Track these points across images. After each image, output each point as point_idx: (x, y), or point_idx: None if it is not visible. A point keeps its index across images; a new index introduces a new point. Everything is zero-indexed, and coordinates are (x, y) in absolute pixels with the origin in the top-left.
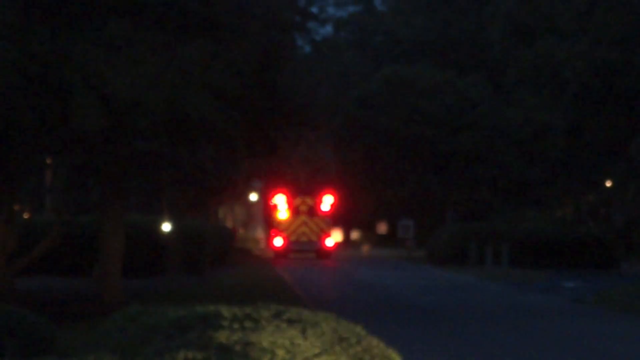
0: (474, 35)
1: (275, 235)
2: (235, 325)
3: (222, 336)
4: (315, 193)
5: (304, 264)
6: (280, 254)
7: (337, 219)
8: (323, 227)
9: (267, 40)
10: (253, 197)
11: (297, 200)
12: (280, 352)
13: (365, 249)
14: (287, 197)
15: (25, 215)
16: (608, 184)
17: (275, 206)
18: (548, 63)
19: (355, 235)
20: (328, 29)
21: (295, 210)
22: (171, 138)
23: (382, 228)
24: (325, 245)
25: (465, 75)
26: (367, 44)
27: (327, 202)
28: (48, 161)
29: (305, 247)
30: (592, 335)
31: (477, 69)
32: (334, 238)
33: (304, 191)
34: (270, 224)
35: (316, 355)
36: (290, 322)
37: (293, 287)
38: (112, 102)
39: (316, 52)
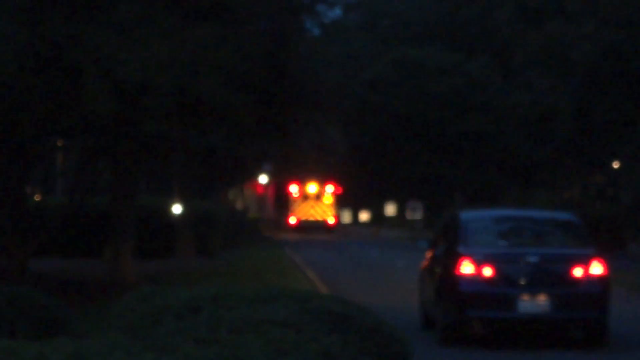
0: (482, 18)
1: (290, 215)
2: (246, 306)
3: (233, 316)
4: (321, 181)
5: (314, 246)
6: (294, 229)
7: (342, 201)
8: (326, 209)
9: (276, 23)
10: (263, 179)
11: (307, 188)
12: (290, 332)
13: (373, 230)
14: (299, 186)
15: (37, 198)
16: (616, 165)
17: (290, 192)
18: (556, 45)
19: (364, 216)
20: (337, 12)
21: (305, 196)
22: (182, 120)
23: (390, 209)
24: (328, 223)
25: (473, 57)
26: (376, 26)
27: (330, 188)
28: (59, 144)
29: (312, 225)
30: None
31: (486, 51)
32: (335, 218)
33: (312, 179)
34: (286, 206)
35: (323, 334)
36: (299, 302)
37: (303, 268)
38: (123, 84)
39: (325, 35)
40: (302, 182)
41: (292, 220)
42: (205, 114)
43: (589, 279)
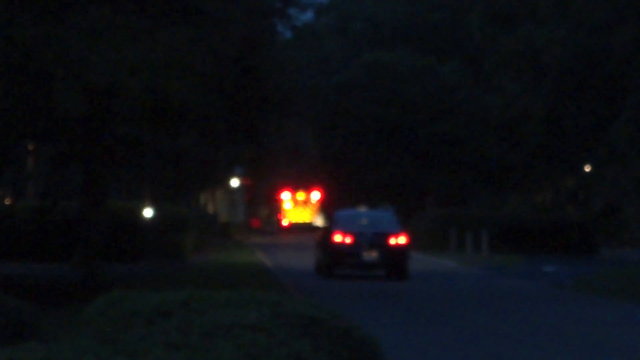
0: (453, 21)
1: (282, 218)
2: (217, 310)
3: (204, 321)
4: (307, 188)
5: (285, 249)
6: (286, 230)
7: (323, 206)
8: (313, 213)
9: (248, 26)
10: (234, 183)
11: (296, 195)
12: (261, 336)
13: None
14: (290, 193)
15: (7, 202)
16: (587, 169)
17: (281, 199)
18: (528, 49)
19: None
20: (309, 15)
21: (295, 202)
22: (152, 124)
23: None
24: (313, 224)
25: (445, 61)
26: (348, 29)
27: (315, 195)
28: (30, 147)
29: (301, 226)
30: (571, 319)
31: (457, 55)
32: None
33: (300, 187)
34: (278, 211)
35: (294, 338)
36: (270, 306)
37: (274, 271)
38: (94, 88)
39: (297, 39)
40: (292, 189)
41: (285, 222)
42: (176, 118)
43: (397, 244)
